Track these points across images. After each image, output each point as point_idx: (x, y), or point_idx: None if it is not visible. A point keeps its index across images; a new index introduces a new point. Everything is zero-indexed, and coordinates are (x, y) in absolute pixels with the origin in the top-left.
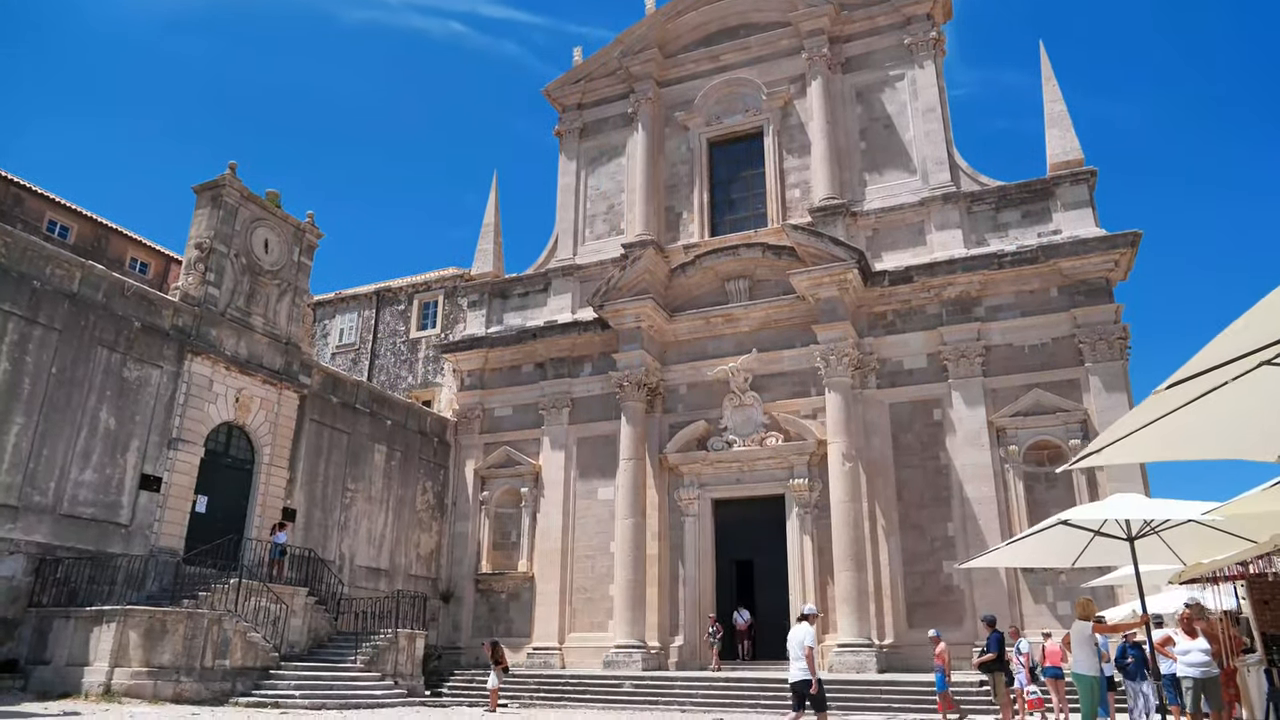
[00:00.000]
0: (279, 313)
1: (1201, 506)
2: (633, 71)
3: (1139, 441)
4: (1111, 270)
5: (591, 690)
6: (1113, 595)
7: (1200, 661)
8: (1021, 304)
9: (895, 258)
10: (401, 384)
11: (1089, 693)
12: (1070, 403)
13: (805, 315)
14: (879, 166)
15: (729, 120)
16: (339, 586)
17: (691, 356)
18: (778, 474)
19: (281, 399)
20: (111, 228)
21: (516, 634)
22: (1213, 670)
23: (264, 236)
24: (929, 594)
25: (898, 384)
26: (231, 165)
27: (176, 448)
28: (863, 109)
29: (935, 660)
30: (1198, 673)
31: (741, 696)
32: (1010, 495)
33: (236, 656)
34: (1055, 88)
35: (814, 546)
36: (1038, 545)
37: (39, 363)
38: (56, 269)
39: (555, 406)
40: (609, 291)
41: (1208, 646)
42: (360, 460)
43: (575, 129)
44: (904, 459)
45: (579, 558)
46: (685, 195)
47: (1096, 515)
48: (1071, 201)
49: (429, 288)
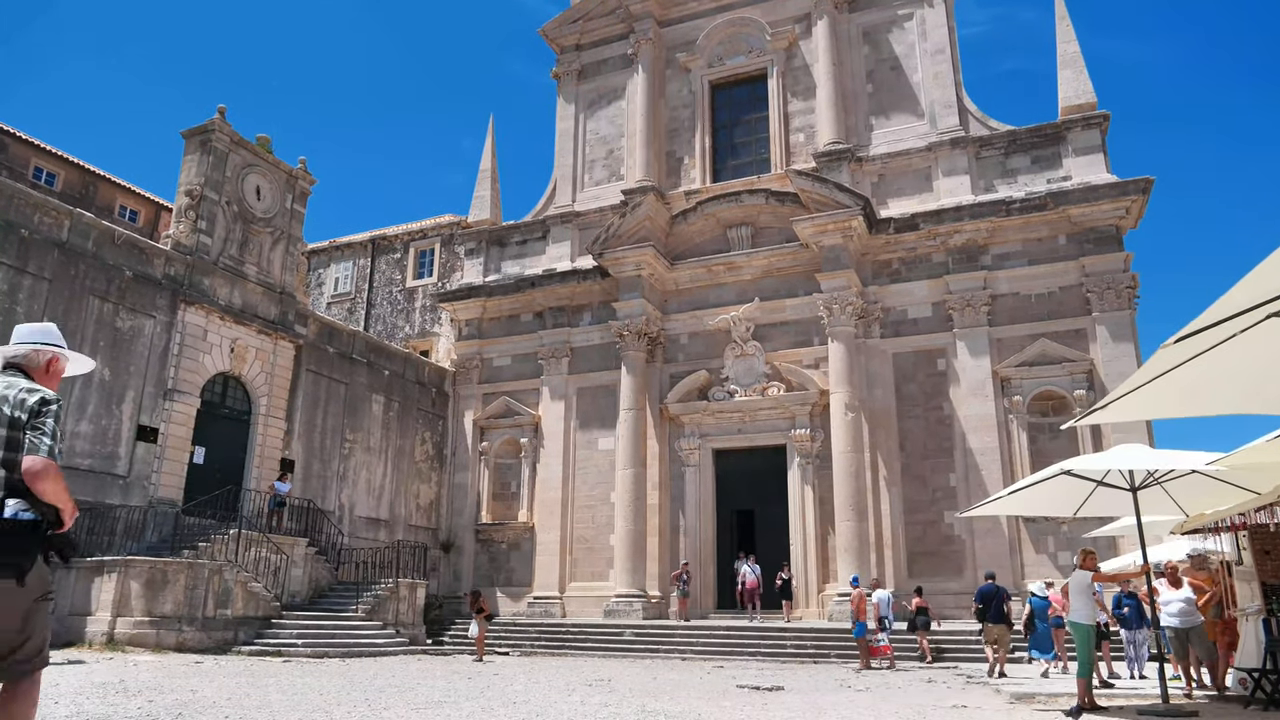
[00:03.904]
0: (273, 261)
1: (1205, 457)
2: (632, 10)
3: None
4: (1122, 218)
5: (592, 639)
6: (1114, 545)
7: (1179, 611)
8: (1029, 252)
9: (901, 204)
10: (398, 334)
11: (1086, 641)
12: (1076, 353)
13: (809, 263)
14: (886, 110)
15: (732, 62)
16: (339, 537)
17: (693, 305)
18: (779, 424)
19: (277, 349)
20: (99, 174)
21: (517, 583)
22: (1194, 620)
23: (255, 183)
24: (930, 544)
25: (902, 333)
26: (220, 109)
27: (172, 399)
28: (870, 50)
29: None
30: (1177, 622)
31: (742, 646)
32: (1014, 446)
33: (238, 606)
34: (1069, 27)
35: (815, 497)
36: (1039, 494)
37: (30, 313)
38: (45, 217)
39: (555, 356)
40: (609, 239)
41: (1190, 596)
42: (358, 411)
43: (573, 71)
44: (907, 409)
45: (579, 508)
46: (687, 140)
47: (1100, 465)
48: (1083, 147)
49: (425, 236)
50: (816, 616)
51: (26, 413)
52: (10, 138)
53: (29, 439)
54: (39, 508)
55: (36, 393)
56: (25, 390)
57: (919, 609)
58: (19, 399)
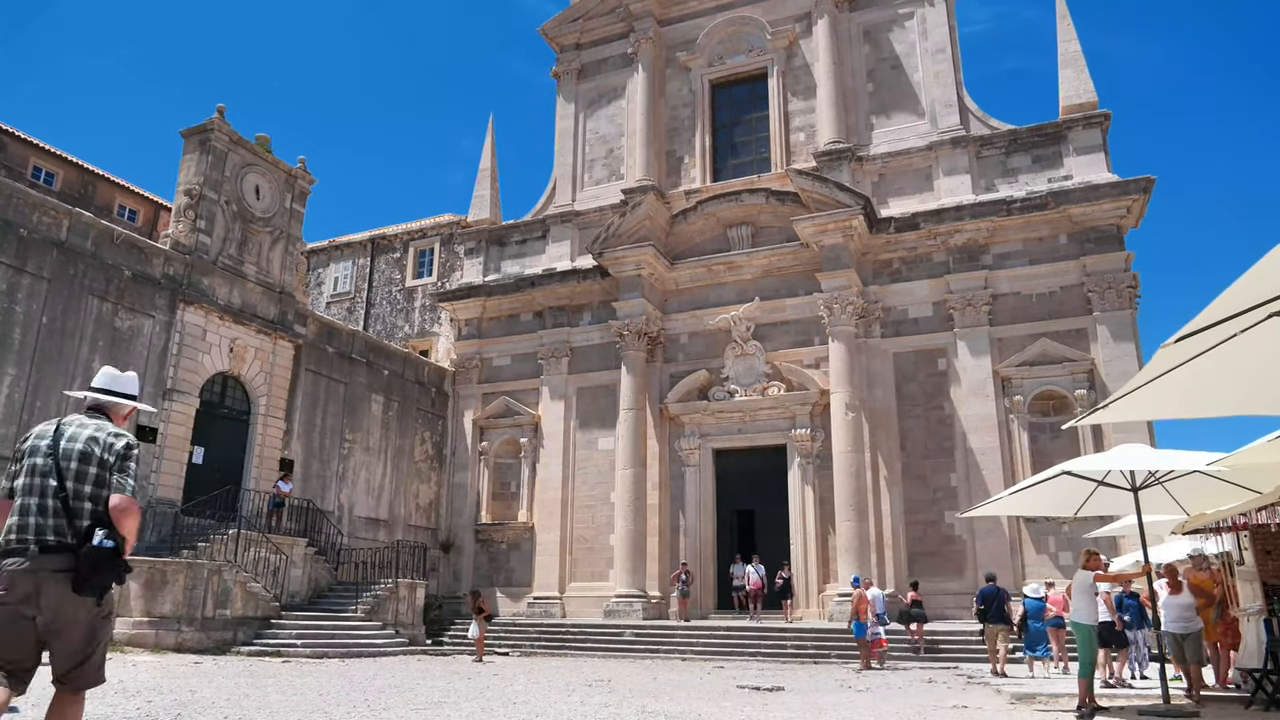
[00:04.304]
0: (272, 261)
1: (1206, 457)
2: (632, 9)
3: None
4: (1123, 217)
5: (592, 639)
6: (1115, 545)
7: (1178, 616)
8: (1030, 251)
9: (902, 204)
10: (398, 333)
11: (1087, 642)
12: (1077, 352)
13: (809, 263)
14: (886, 109)
15: (732, 61)
16: (338, 537)
17: (693, 305)
18: (780, 424)
19: (276, 349)
20: (98, 174)
21: (517, 583)
22: (1193, 626)
23: (255, 183)
24: (931, 544)
25: (902, 333)
26: (220, 108)
27: (171, 398)
28: (870, 49)
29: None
30: (1176, 628)
31: (743, 646)
32: (1014, 446)
33: (237, 606)
34: (1070, 26)
35: (815, 497)
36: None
37: (29, 313)
38: (43, 216)
39: (554, 356)
40: (609, 239)
41: (1190, 602)
42: (357, 411)
43: (573, 70)
44: (907, 409)
45: (579, 508)
46: (687, 139)
47: (1101, 465)
48: (1084, 146)
49: (425, 235)
50: (817, 617)
51: (115, 455)
52: (9, 137)
53: (116, 479)
54: (114, 537)
55: (123, 437)
56: (113, 434)
57: (914, 602)
58: (108, 442)
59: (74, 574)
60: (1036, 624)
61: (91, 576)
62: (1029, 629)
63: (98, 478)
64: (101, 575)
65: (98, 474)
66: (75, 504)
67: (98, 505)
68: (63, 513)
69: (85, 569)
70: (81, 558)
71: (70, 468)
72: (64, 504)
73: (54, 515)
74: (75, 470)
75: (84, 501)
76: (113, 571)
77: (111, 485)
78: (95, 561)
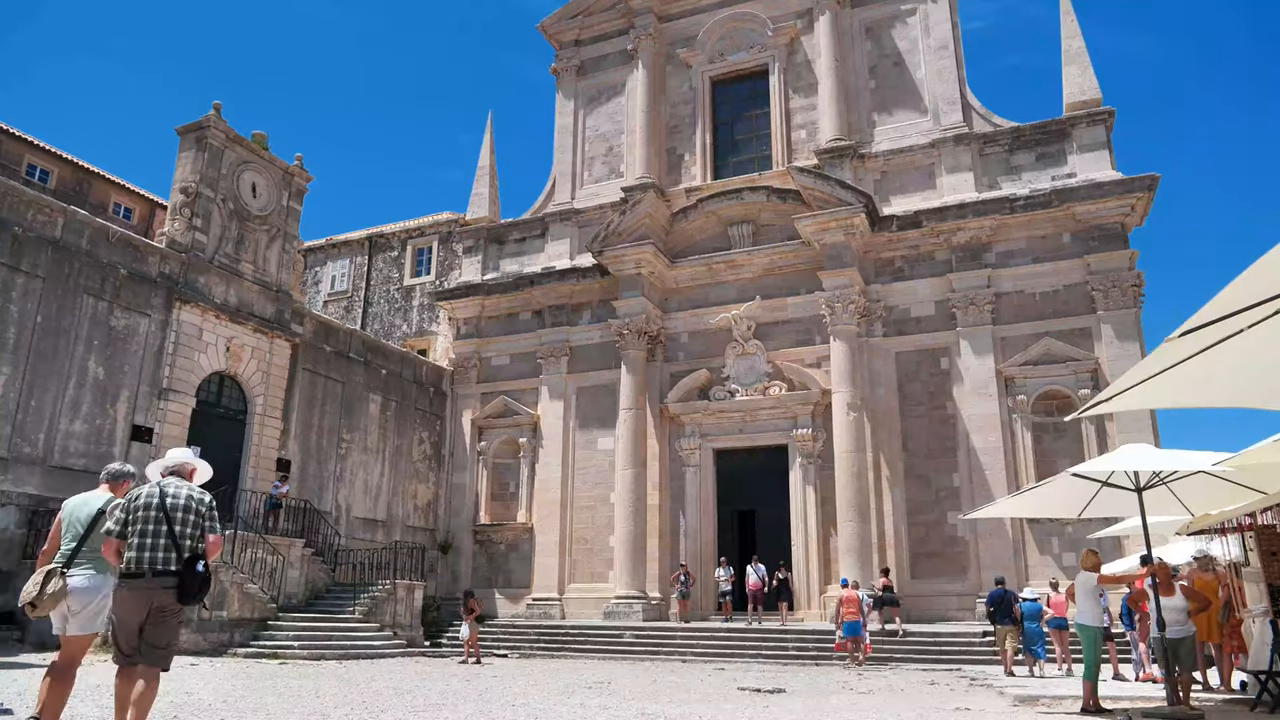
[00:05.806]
0: (269, 259)
1: (1211, 457)
2: (632, 5)
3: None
4: (1127, 215)
5: (592, 641)
6: (1119, 546)
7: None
8: (1033, 250)
9: (904, 201)
10: (396, 332)
11: (1092, 643)
12: (1081, 351)
13: (810, 261)
14: (888, 106)
15: (733, 58)
16: (336, 538)
17: (693, 304)
18: (781, 424)
19: (273, 348)
20: (93, 171)
21: (516, 584)
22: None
23: (251, 180)
24: (933, 545)
25: (905, 332)
26: (216, 105)
27: (167, 398)
28: (872, 45)
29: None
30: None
31: (743, 647)
32: (1018, 445)
33: (234, 608)
34: (1074, 22)
35: (817, 497)
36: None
37: (24, 311)
38: (38, 214)
39: (554, 355)
40: (608, 237)
41: (1183, 605)
42: (355, 410)
43: (573, 66)
44: (910, 409)
45: (579, 508)
46: (687, 136)
47: (1105, 467)
48: (1088, 143)
49: (423, 233)
50: (819, 618)
51: (206, 508)
52: (3, 134)
53: (208, 524)
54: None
55: (207, 494)
56: (199, 490)
57: (885, 588)
58: (199, 497)
59: (179, 589)
60: (1032, 625)
61: (197, 592)
62: (1025, 630)
63: (195, 524)
64: (202, 591)
65: (195, 520)
66: (181, 541)
67: (195, 543)
68: (172, 548)
69: (193, 586)
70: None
71: (178, 516)
72: (173, 541)
73: (164, 550)
74: (181, 518)
75: (186, 540)
76: (207, 588)
77: (205, 529)
78: (201, 582)
